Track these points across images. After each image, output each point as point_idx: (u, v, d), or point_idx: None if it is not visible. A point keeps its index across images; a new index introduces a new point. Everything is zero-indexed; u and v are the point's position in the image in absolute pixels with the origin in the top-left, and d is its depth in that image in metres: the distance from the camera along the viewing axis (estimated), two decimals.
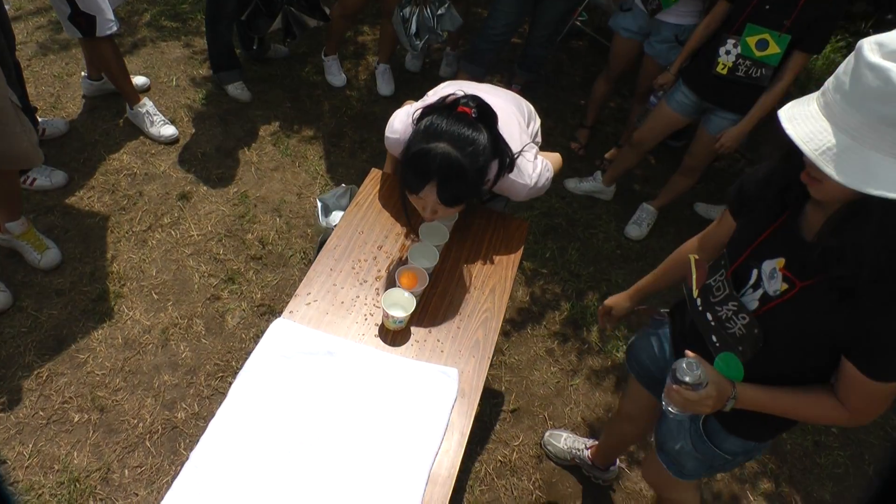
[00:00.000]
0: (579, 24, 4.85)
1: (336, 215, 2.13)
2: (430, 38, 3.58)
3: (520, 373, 2.80)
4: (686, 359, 1.40)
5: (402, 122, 1.88)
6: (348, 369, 1.64)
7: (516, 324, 2.98)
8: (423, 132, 1.62)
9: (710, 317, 1.49)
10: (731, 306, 1.42)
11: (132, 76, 3.57)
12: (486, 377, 2.69)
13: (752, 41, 2.68)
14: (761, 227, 1.41)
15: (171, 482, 1.41)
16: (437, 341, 1.75)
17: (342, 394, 1.60)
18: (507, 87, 4.18)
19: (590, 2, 4.67)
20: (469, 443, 2.48)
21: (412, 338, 1.74)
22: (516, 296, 3.09)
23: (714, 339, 1.49)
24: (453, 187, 1.61)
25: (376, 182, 2.12)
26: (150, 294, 2.78)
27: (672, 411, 1.48)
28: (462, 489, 2.42)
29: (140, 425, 2.39)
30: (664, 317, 1.86)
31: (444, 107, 1.67)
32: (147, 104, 3.42)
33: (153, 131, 3.42)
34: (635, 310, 1.95)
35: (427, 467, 1.51)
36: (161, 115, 3.47)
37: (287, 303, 1.77)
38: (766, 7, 2.61)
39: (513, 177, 1.83)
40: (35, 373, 2.47)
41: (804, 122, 1.13)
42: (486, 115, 1.68)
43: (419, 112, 1.70)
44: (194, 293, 2.81)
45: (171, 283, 2.83)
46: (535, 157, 1.92)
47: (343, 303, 1.78)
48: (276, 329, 1.68)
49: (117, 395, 2.46)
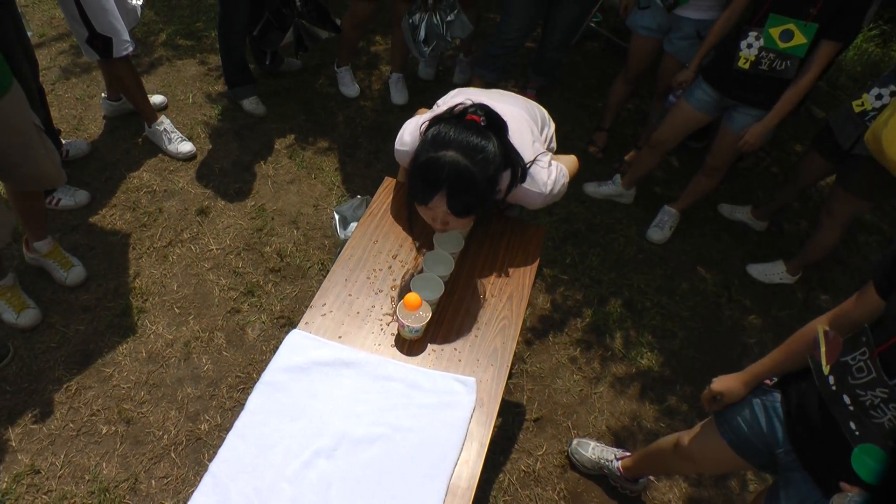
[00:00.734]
0: (594, 25, 4.84)
1: (353, 227, 2.14)
2: (439, 44, 3.59)
3: (542, 381, 2.78)
4: (845, 495, 1.23)
5: (411, 133, 1.86)
6: (365, 380, 1.64)
7: (538, 331, 2.96)
8: (430, 141, 1.61)
9: (847, 400, 1.31)
10: (880, 393, 1.24)
11: (150, 95, 3.63)
12: (508, 386, 2.71)
13: (775, 32, 2.57)
14: None
15: (192, 494, 1.42)
16: (455, 350, 1.74)
17: (359, 405, 1.60)
18: (522, 92, 4.18)
19: (604, 2, 4.65)
20: (492, 452, 2.50)
21: (429, 347, 1.74)
22: (537, 303, 3.08)
23: (853, 426, 1.30)
24: (463, 197, 1.58)
25: (390, 191, 2.13)
26: (172, 308, 2.81)
27: None
28: (486, 499, 2.40)
29: (165, 437, 2.42)
30: (770, 387, 1.69)
31: (453, 116, 1.65)
32: (164, 122, 3.47)
33: (171, 148, 3.47)
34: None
35: (446, 479, 1.50)
36: (178, 132, 3.51)
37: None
38: None
39: (526, 186, 1.79)
40: (64, 386, 2.52)
41: None
42: (495, 124, 1.66)
43: (427, 123, 1.69)
44: (215, 307, 2.84)
45: (191, 297, 2.86)
46: (550, 164, 1.89)
47: (359, 313, 1.78)
48: (292, 341, 1.69)
49: (142, 407, 2.49)
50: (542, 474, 2.50)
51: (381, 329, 1.76)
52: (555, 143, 2.21)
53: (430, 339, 1.75)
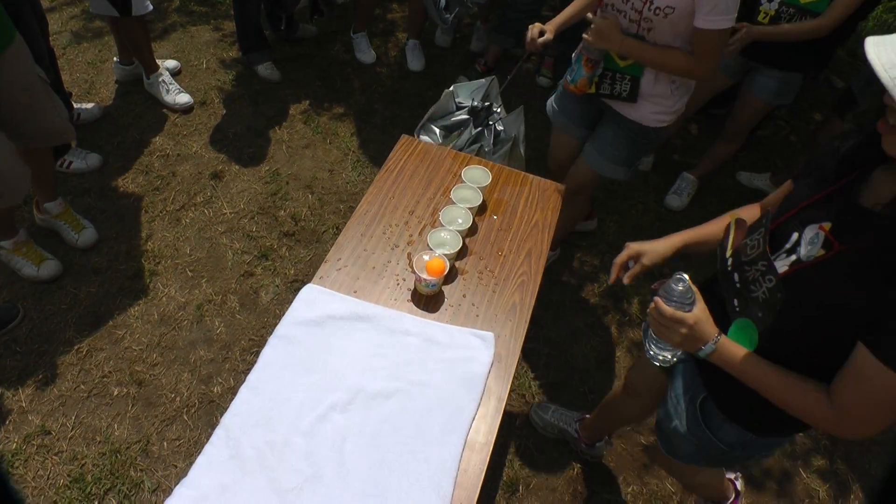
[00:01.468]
0: None
1: None
2: (461, 10, 3.52)
3: (559, 346, 2.74)
4: (681, 272, 1.31)
5: None
6: (381, 334, 1.60)
7: (555, 297, 2.91)
8: None
9: (736, 278, 1.34)
10: (761, 266, 1.28)
11: (163, 60, 3.65)
12: (525, 350, 2.67)
13: None
14: (817, 189, 1.28)
15: (205, 430, 1.40)
16: (472, 305, 1.70)
17: (374, 359, 1.57)
18: (540, 60, 4.11)
19: None
20: (508, 415, 2.47)
21: (446, 302, 1.70)
22: (554, 269, 3.03)
23: (735, 302, 1.35)
24: None
25: (406, 148, 2.08)
26: (185, 271, 2.78)
27: (652, 352, 1.41)
28: (501, 464, 2.37)
29: (177, 399, 2.40)
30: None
31: None
32: (164, 73, 3.47)
33: (168, 99, 3.47)
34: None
35: (463, 433, 1.46)
36: (176, 83, 3.51)
37: None
38: None
39: None
40: (75, 348, 2.50)
41: (891, 46, 1.02)
42: None
43: None
44: (228, 270, 2.81)
45: (204, 261, 2.83)
46: None
47: (374, 268, 1.74)
48: (306, 294, 1.65)
49: (154, 369, 2.47)
50: (560, 438, 2.46)
51: (398, 284, 1.71)
52: None
53: (447, 294, 1.71)
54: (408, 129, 3.55)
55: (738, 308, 1.34)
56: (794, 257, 1.26)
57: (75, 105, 3.30)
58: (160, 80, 3.45)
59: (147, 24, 3.20)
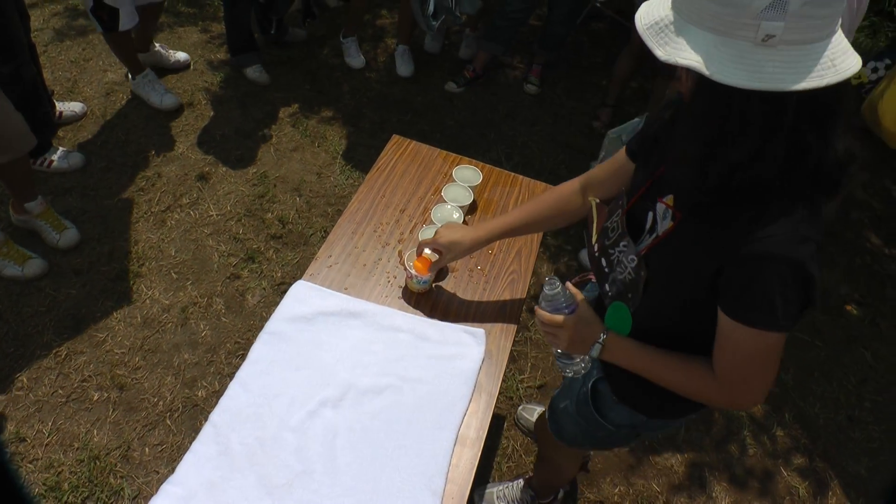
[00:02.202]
0: (599, 5, 4.77)
1: None
2: (448, 18, 3.53)
3: (546, 349, 2.73)
4: (553, 276, 1.31)
5: None
6: (371, 331, 1.59)
7: None
8: None
9: (604, 262, 1.35)
10: (623, 247, 1.28)
11: (175, 51, 3.76)
12: (512, 353, 2.65)
13: None
14: (657, 164, 1.28)
15: (187, 433, 1.37)
16: (463, 303, 1.69)
17: (366, 355, 1.55)
18: (528, 68, 4.13)
19: None
20: (496, 417, 2.45)
21: (437, 299, 1.68)
22: (541, 272, 3.02)
23: (607, 287, 1.35)
24: None
25: (397, 148, 2.07)
26: (169, 273, 2.74)
27: (560, 366, 1.42)
28: (489, 466, 2.36)
29: (160, 403, 2.35)
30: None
31: None
32: (150, 74, 3.44)
33: (155, 100, 3.44)
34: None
35: (455, 429, 1.45)
36: (163, 85, 3.48)
37: None
38: None
39: None
40: (54, 351, 2.44)
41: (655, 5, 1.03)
42: None
43: None
44: (214, 272, 2.77)
45: (190, 263, 2.80)
46: None
47: (365, 265, 1.72)
48: (297, 291, 1.63)
49: (137, 373, 2.42)
50: None
51: (388, 281, 1.70)
52: None
53: (437, 291, 1.70)
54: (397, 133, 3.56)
55: (610, 293, 1.34)
56: (654, 235, 1.25)
57: (58, 103, 3.26)
58: (147, 80, 3.41)
59: (130, 34, 3.18)
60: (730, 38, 0.94)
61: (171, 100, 3.45)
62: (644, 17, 1.02)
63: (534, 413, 2.47)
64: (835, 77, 0.94)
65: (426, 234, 1.72)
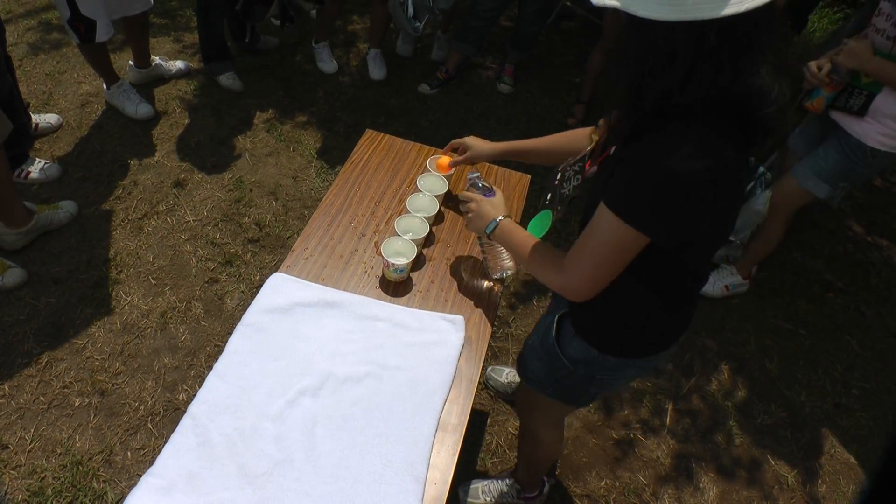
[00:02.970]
0: (570, 4, 4.83)
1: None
2: (429, 17, 3.56)
3: None
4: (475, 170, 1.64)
5: None
6: (349, 320, 1.59)
7: (521, 296, 2.93)
8: None
9: (558, 174, 1.51)
10: (577, 167, 1.44)
11: (174, 61, 3.81)
12: (493, 349, 2.67)
13: None
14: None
15: (169, 436, 1.37)
16: (441, 291, 1.70)
17: (344, 344, 1.55)
18: (501, 67, 4.17)
19: None
20: (478, 413, 2.46)
21: (414, 288, 1.69)
22: (520, 268, 3.04)
23: (548, 196, 1.53)
24: None
25: (371, 142, 2.08)
26: (148, 279, 2.74)
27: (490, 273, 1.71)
28: (473, 461, 2.36)
29: (141, 408, 2.34)
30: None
31: None
32: (124, 84, 3.44)
33: (130, 109, 3.44)
34: None
35: (436, 415, 1.46)
36: (138, 94, 3.47)
37: None
38: None
39: None
40: (34, 359, 2.42)
41: None
42: None
43: None
44: (192, 277, 2.77)
45: (168, 268, 2.79)
46: None
47: (342, 256, 1.73)
48: (273, 282, 1.64)
49: (117, 378, 2.41)
50: None
51: (365, 272, 1.71)
52: None
53: (415, 280, 1.71)
54: None
55: (547, 201, 1.54)
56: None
57: (34, 116, 3.25)
58: (122, 90, 3.41)
59: (105, 45, 3.21)
60: None
61: (145, 109, 3.44)
62: None
63: (502, 374, 2.53)
64: (752, 3, 1.01)
65: (402, 224, 1.73)
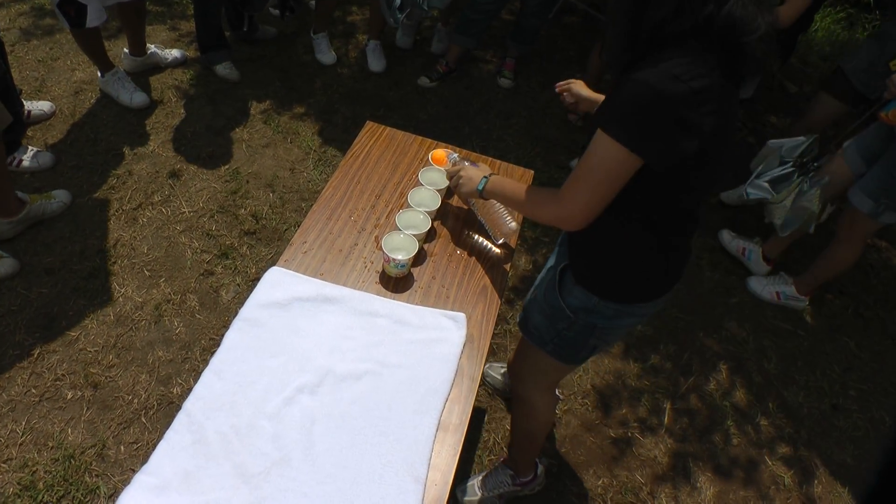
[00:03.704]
0: None
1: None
2: (414, 11, 3.52)
3: None
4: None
5: None
6: (349, 316, 1.56)
7: (520, 292, 2.90)
8: None
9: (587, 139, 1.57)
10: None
11: (170, 49, 3.76)
12: (492, 346, 2.64)
13: None
14: None
15: (163, 431, 1.33)
16: (442, 287, 1.67)
17: (343, 341, 1.52)
18: (501, 61, 4.13)
19: None
20: (476, 410, 2.43)
21: (415, 284, 1.66)
22: (519, 264, 3.02)
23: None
24: None
25: (372, 134, 2.05)
26: (142, 271, 2.70)
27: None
28: (471, 459, 2.34)
29: (135, 401, 2.31)
30: None
31: None
32: (119, 72, 3.39)
33: (125, 98, 3.39)
34: None
35: (437, 414, 1.43)
36: (133, 83, 3.43)
37: None
38: None
39: None
40: (26, 351, 2.38)
41: None
42: None
43: None
44: (187, 269, 2.73)
45: (163, 260, 2.75)
46: None
47: (341, 250, 1.70)
48: (271, 277, 1.60)
49: (111, 371, 2.37)
50: None
51: (365, 266, 1.68)
52: None
53: (416, 276, 1.68)
54: None
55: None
56: None
57: (26, 103, 3.19)
58: (116, 77, 3.36)
59: (99, 31, 3.15)
60: None
61: (140, 98, 3.40)
62: None
63: (499, 371, 2.52)
64: None
65: (403, 218, 1.70)
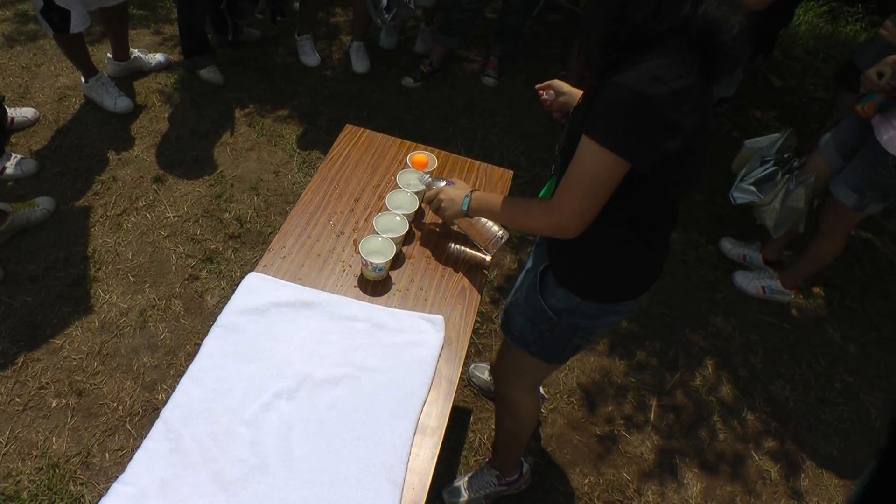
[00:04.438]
0: None
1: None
2: (401, 11, 3.52)
3: None
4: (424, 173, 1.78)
5: None
6: (326, 321, 1.57)
7: (505, 291, 2.90)
8: None
9: (563, 139, 1.53)
10: (564, 121, 1.56)
11: (154, 53, 3.76)
12: (476, 345, 2.65)
13: None
14: None
15: (142, 441, 1.34)
16: (420, 290, 1.67)
17: (321, 346, 1.53)
18: (485, 60, 4.13)
19: None
20: (460, 413, 2.44)
21: (394, 287, 1.67)
22: (504, 263, 3.02)
23: (553, 167, 1.59)
24: None
25: (350, 137, 2.05)
26: (127, 276, 2.69)
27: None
28: (456, 460, 2.34)
29: (120, 408, 2.31)
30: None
31: None
32: (103, 77, 3.39)
33: (108, 103, 3.39)
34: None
35: (414, 417, 1.43)
36: (116, 88, 3.42)
37: None
38: None
39: None
40: (10, 359, 2.38)
41: None
42: None
43: None
44: (172, 274, 2.73)
45: (147, 265, 2.75)
46: None
47: (319, 255, 1.70)
48: (249, 282, 1.61)
49: (95, 378, 2.37)
50: None
51: (344, 271, 1.68)
52: None
53: (394, 279, 1.69)
54: None
55: (553, 171, 1.59)
56: None
57: (9, 110, 3.18)
58: (100, 83, 3.35)
59: (83, 36, 3.15)
60: None
61: (124, 102, 3.39)
62: None
63: (485, 371, 2.53)
64: None
65: (381, 222, 1.71)
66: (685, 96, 1.23)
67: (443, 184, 1.71)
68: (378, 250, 1.64)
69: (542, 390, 2.44)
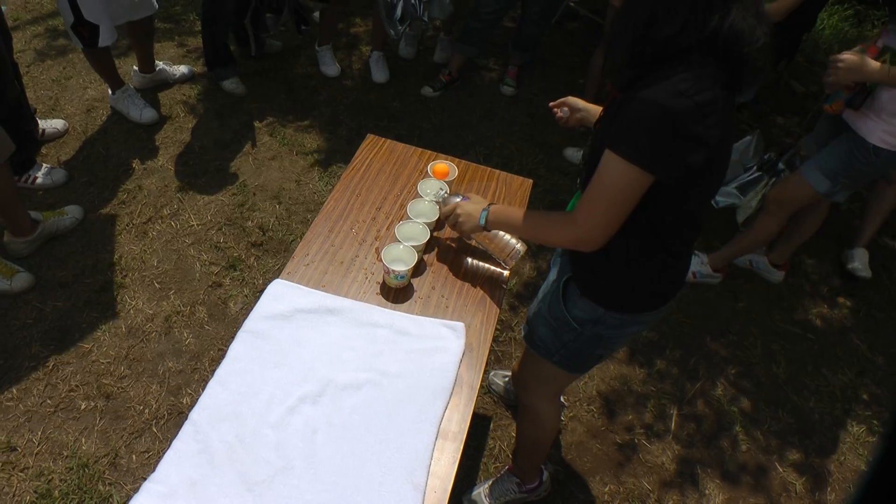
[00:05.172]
0: (573, 5, 4.82)
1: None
2: (414, 24, 3.56)
3: None
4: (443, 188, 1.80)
5: None
6: (350, 327, 1.60)
7: (524, 298, 2.93)
8: None
9: (587, 149, 1.55)
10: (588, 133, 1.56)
11: (177, 65, 3.84)
12: (496, 353, 2.68)
13: None
14: None
15: (171, 442, 1.37)
16: (442, 297, 1.70)
17: (344, 351, 1.56)
18: (504, 69, 4.17)
19: None
20: (482, 418, 2.46)
21: (415, 294, 1.70)
22: (523, 271, 3.04)
23: (580, 179, 1.57)
24: None
25: (372, 147, 2.09)
26: (152, 283, 2.75)
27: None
28: (476, 466, 2.36)
29: (146, 411, 2.36)
30: None
31: None
32: (129, 89, 3.47)
33: (134, 114, 3.46)
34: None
35: (436, 422, 1.46)
36: (142, 99, 3.50)
37: None
38: None
39: None
40: (41, 363, 2.45)
41: None
42: None
43: None
44: (196, 281, 2.78)
45: (172, 272, 2.81)
46: None
47: (342, 262, 1.74)
48: (274, 289, 1.64)
49: (122, 382, 2.43)
50: None
51: (366, 278, 1.71)
52: None
53: (416, 286, 1.72)
54: None
55: (579, 183, 1.58)
56: None
57: (40, 121, 3.27)
58: (126, 95, 3.43)
59: (109, 50, 3.24)
60: None
61: (150, 114, 3.46)
62: None
63: (504, 378, 2.54)
64: None
65: (403, 230, 1.74)
66: (709, 109, 1.24)
67: (458, 199, 1.71)
68: (400, 258, 1.67)
69: (562, 398, 2.46)
